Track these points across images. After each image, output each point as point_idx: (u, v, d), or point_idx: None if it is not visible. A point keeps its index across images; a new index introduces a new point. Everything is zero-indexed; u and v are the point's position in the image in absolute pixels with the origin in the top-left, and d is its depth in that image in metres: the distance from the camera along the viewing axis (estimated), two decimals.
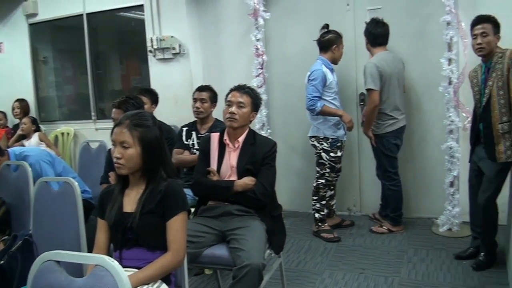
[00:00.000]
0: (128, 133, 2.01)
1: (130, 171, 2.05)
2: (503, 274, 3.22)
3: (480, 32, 3.16)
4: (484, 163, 3.27)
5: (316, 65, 4.08)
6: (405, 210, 4.31)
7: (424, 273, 3.37)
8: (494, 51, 3.16)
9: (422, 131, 4.44)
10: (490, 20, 3.18)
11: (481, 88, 3.24)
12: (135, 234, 2.01)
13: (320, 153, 4.12)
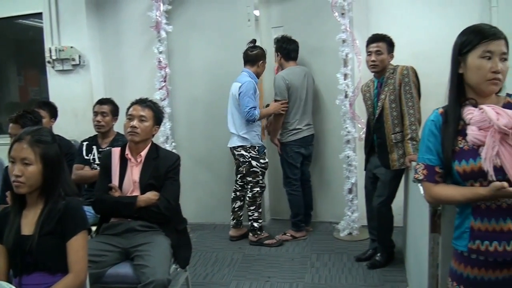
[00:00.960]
0: (30, 149, 1.90)
1: (30, 189, 1.92)
2: (401, 272, 3.41)
3: (375, 50, 3.35)
4: (379, 170, 3.46)
5: (243, 77, 4.12)
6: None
7: (327, 276, 3.49)
8: (387, 67, 3.38)
9: (323, 141, 4.63)
10: (385, 39, 3.39)
11: (374, 102, 3.43)
12: (34, 258, 1.90)
13: (249, 161, 4.14)
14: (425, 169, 1.68)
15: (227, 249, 4.13)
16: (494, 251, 1.54)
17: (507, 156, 1.50)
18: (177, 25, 4.66)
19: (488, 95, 1.61)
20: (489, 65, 1.55)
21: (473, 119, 1.57)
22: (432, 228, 2.11)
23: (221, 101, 4.63)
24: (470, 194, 1.55)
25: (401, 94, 3.26)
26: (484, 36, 1.56)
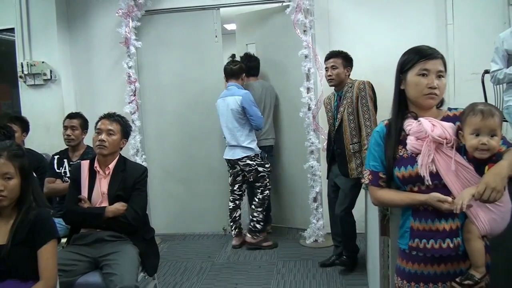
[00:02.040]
0: (10, 163, 2.01)
1: (10, 202, 2.03)
2: (363, 276, 3.56)
3: (331, 65, 3.56)
4: (339, 179, 3.63)
5: (237, 90, 4.32)
6: (281, 221, 4.76)
7: (292, 282, 3.61)
8: (345, 81, 3.56)
9: (289, 151, 4.82)
10: (340, 55, 3.59)
11: (334, 114, 3.62)
12: (7, 266, 1.98)
13: (256, 168, 4.31)
14: (371, 174, 1.85)
15: (196, 259, 4.22)
16: (431, 248, 1.70)
17: (442, 163, 1.67)
18: (146, 41, 4.78)
19: (427, 108, 1.77)
20: (426, 82, 1.71)
21: (412, 130, 1.73)
22: (381, 231, 2.27)
23: (190, 114, 4.81)
24: (409, 200, 1.73)
25: (358, 107, 3.46)
26: (422, 55, 1.74)
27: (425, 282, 1.74)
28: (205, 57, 4.71)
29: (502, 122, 1.69)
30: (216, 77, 4.74)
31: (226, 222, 4.86)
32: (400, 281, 1.81)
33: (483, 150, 1.63)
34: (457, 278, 1.68)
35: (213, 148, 4.84)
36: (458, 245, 1.68)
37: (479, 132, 1.64)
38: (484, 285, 1.69)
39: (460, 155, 1.68)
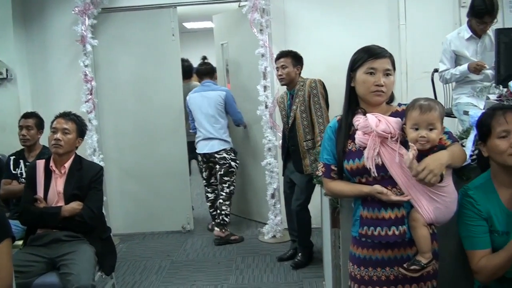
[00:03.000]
0: None
1: None
2: (319, 269, 3.69)
3: (281, 65, 3.71)
4: (295, 175, 3.76)
5: (218, 86, 4.69)
6: (242, 212, 4.93)
7: (250, 276, 3.73)
8: (296, 80, 3.69)
9: (248, 149, 4.94)
10: (290, 54, 3.73)
11: (287, 112, 3.74)
12: None
13: (229, 163, 4.46)
14: (324, 167, 1.96)
15: (155, 258, 4.26)
16: (378, 235, 1.82)
17: (387, 156, 1.79)
18: (103, 39, 4.76)
19: (375, 105, 1.88)
20: (373, 80, 1.83)
21: (359, 125, 1.85)
22: (332, 223, 2.39)
23: (148, 113, 4.84)
24: (356, 191, 1.86)
25: (311, 105, 3.59)
26: (370, 54, 1.85)
27: (374, 267, 1.85)
28: (162, 55, 4.76)
29: (443, 116, 1.79)
30: (173, 76, 4.80)
31: (185, 220, 4.92)
32: (352, 266, 1.93)
33: (423, 142, 1.75)
34: (404, 263, 1.79)
35: (172, 146, 4.87)
36: (403, 232, 1.80)
37: (418, 126, 1.76)
38: (432, 271, 1.82)
39: (405, 148, 1.79)
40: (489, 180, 1.89)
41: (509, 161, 1.78)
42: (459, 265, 2.01)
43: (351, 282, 1.94)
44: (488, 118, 1.85)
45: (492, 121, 1.82)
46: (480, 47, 3.57)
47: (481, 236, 1.85)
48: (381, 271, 1.84)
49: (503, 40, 2.52)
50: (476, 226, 1.86)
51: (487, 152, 1.87)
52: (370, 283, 1.86)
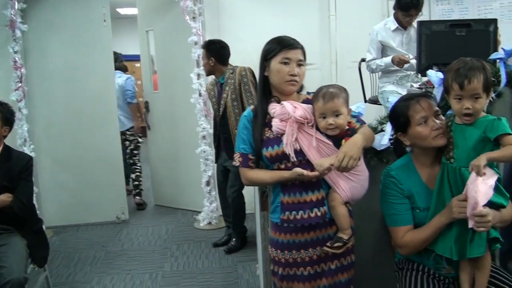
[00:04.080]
0: None
1: None
2: (253, 253, 3.81)
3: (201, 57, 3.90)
4: (229, 163, 3.85)
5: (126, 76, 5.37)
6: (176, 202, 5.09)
7: (185, 263, 3.82)
8: (217, 70, 3.82)
9: (183, 137, 4.97)
10: (204, 47, 3.88)
11: (217, 100, 3.83)
12: None
13: (137, 139, 4.94)
14: (241, 157, 2.02)
15: (90, 249, 4.24)
16: (301, 219, 1.93)
17: (305, 141, 1.90)
18: (33, 24, 4.59)
19: (288, 94, 1.99)
20: (287, 69, 1.93)
21: (276, 113, 1.94)
22: (261, 207, 2.50)
23: (80, 101, 4.77)
24: (277, 177, 1.95)
25: (242, 93, 3.71)
26: (284, 45, 1.95)
27: (297, 250, 1.96)
28: (93, 42, 4.69)
29: (347, 100, 1.92)
30: (105, 63, 4.76)
31: (119, 210, 4.92)
32: (274, 251, 2.03)
33: (332, 129, 1.88)
34: (326, 243, 1.92)
35: (105, 135, 4.83)
36: (324, 213, 1.93)
37: (325, 114, 1.88)
38: (351, 246, 1.97)
39: (320, 133, 1.91)
40: (410, 161, 2.04)
41: (434, 143, 1.92)
42: (377, 241, 2.19)
43: (275, 266, 2.03)
44: (404, 110, 1.96)
45: (409, 111, 1.94)
46: (406, 38, 3.81)
47: (404, 213, 2.00)
48: (304, 252, 1.96)
49: (424, 32, 2.69)
50: (399, 204, 2.00)
51: (409, 140, 1.99)
52: (294, 265, 1.97)
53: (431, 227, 1.90)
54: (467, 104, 1.77)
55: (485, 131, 1.77)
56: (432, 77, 2.34)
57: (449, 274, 1.96)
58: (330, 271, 1.98)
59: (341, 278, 2.00)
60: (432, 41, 2.69)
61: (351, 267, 2.03)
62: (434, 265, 1.97)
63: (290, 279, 1.99)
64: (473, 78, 1.75)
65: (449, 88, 1.82)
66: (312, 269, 1.97)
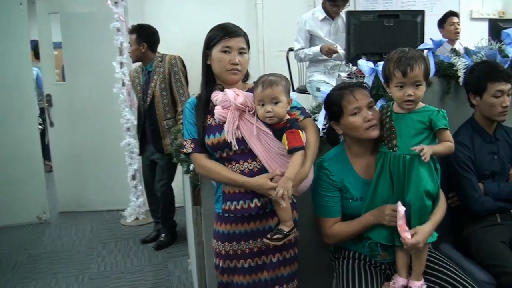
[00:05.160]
0: None
1: None
2: (184, 247, 3.75)
3: (129, 41, 3.71)
4: (156, 156, 3.75)
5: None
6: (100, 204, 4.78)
7: (113, 263, 3.68)
8: (146, 57, 3.68)
9: (105, 130, 4.73)
10: (134, 32, 3.70)
11: (143, 88, 3.69)
12: None
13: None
14: (192, 142, 1.95)
15: (11, 253, 3.96)
16: (241, 209, 1.91)
17: (246, 129, 1.87)
18: None
19: (232, 83, 1.95)
20: (228, 58, 1.89)
21: (218, 100, 1.90)
22: (194, 201, 2.45)
23: None
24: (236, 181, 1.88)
25: (172, 82, 3.61)
26: (225, 33, 1.90)
27: (238, 241, 1.93)
28: (8, 27, 4.34)
29: (287, 89, 1.90)
30: (21, 50, 4.44)
31: (40, 209, 4.65)
32: (216, 243, 1.99)
33: (270, 117, 1.86)
34: (267, 234, 1.89)
35: (22, 129, 4.52)
36: (265, 203, 1.90)
37: (263, 101, 1.86)
38: (293, 239, 1.96)
39: (261, 121, 1.89)
40: (343, 151, 2.08)
41: (365, 135, 1.96)
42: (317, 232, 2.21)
43: (216, 258, 2.00)
44: (338, 99, 2.00)
45: (343, 101, 1.98)
46: (333, 28, 3.89)
47: (334, 205, 2.05)
48: (245, 244, 1.93)
49: (353, 22, 2.74)
50: (330, 197, 2.04)
51: (341, 129, 2.03)
52: (235, 257, 1.94)
53: (360, 223, 1.99)
54: (409, 91, 1.83)
55: (430, 121, 1.84)
56: (363, 66, 2.40)
57: (385, 260, 2.03)
58: (271, 264, 1.96)
59: (283, 271, 1.98)
60: (360, 31, 2.76)
61: (294, 261, 2.02)
62: (370, 252, 2.02)
63: (230, 272, 1.96)
64: (415, 66, 1.81)
65: (390, 76, 1.87)
66: (253, 262, 1.95)
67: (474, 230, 2.25)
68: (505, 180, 2.33)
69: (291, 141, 1.84)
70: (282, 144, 1.87)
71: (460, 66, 2.43)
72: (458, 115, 2.40)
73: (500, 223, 2.28)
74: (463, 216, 2.30)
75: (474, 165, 2.28)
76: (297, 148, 1.85)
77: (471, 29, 5.19)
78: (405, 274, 1.95)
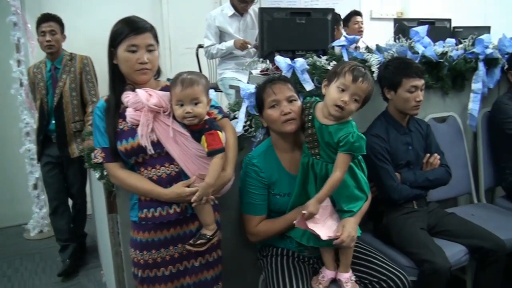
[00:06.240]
0: None
1: None
2: (96, 258, 3.59)
3: (49, 30, 3.34)
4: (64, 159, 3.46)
5: None
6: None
7: (20, 282, 3.40)
8: (60, 50, 3.43)
9: (1, 135, 4.36)
10: (56, 19, 3.41)
11: (48, 87, 3.40)
12: None
13: None
14: (102, 152, 1.84)
15: None
16: (160, 216, 1.83)
17: (162, 131, 1.79)
18: None
19: (141, 83, 1.85)
20: (136, 57, 1.79)
21: (130, 102, 1.80)
22: (109, 209, 2.32)
23: None
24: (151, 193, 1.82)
25: (83, 82, 3.42)
26: (131, 30, 1.79)
27: (157, 249, 1.86)
28: None
29: (207, 88, 1.86)
30: None
31: None
32: (134, 252, 1.90)
33: (189, 118, 1.79)
34: (188, 240, 1.85)
35: None
36: (185, 208, 1.84)
37: (183, 102, 1.79)
38: (216, 242, 1.92)
39: (177, 122, 1.82)
40: (270, 147, 2.10)
41: (282, 129, 1.99)
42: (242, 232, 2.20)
43: (135, 268, 1.92)
44: (260, 92, 2.04)
45: (263, 94, 2.01)
46: (243, 25, 3.92)
47: (261, 203, 2.06)
48: (165, 251, 1.87)
49: (265, 18, 2.75)
50: (257, 194, 2.05)
51: (266, 122, 2.06)
52: (155, 266, 1.87)
53: (286, 221, 2.02)
54: (346, 97, 1.85)
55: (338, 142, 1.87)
56: (281, 63, 2.43)
57: (313, 255, 2.08)
58: (194, 269, 1.92)
59: (206, 275, 1.95)
60: (274, 28, 2.79)
61: (218, 263, 1.99)
62: (297, 247, 2.07)
63: (150, 282, 1.89)
64: (366, 82, 1.87)
65: (339, 75, 1.89)
66: (174, 268, 1.89)
67: (394, 218, 2.37)
68: (419, 169, 2.49)
69: (211, 143, 1.80)
70: (200, 145, 1.82)
71: (373, 62, 2.53)
72: (371, 108, 2.49)
73: (417, 210, 2.43)
74: (382, 205, 2.40)
75: (390, 156, 2.39)
76: (217, 151, 1.81)
77: (371, 28, 5.50)
78: (332, 266, 2.00)
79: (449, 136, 2.98)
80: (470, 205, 3.02)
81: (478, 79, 3.00)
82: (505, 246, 2.31)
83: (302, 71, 2.40)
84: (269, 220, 2.07)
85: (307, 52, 2.57)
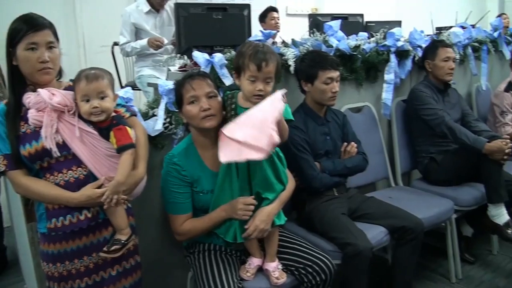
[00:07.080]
0: None
1: None
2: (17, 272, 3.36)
3: None
4: None
5: None
6: None
7: None
8: None
9: None
10: None
11: None
12: None
13: None
14: (5, 159, 1.72)
15: None
16: (70, 224, 1.74)
17: (67, 132, 1.71)
18: None
19: (44, 83, 1.75)
20: (36, 56, 1.69)
21: (31, 103, 1.70)
22: (27, 218, 2.22)
23: None
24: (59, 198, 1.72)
25: None
26: (29, 27, 1.68)
27: (70, 260, 1.77)
28: None
29: (112, 83, 1.81)
30: None
31: None
32: (46, 265, 1.80)
33: (97, 114, 1.73)
34: (103, 247, 1.76)
35: None
36: (97, 213, 1.77)
37: (88, 96, 1.72)
38: (132, 247, 1.86)
39: (83, 121, 1.75)
40: (191, 144, 2.08)
41: (202, 125, 1.98)
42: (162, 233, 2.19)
43: (50, 282, 1.82)
44: (179, 88, 2.02)
45: (182, 90, 2.00)
46: (159, 21, 3.89)
47: (185, 202, 2.05)
48: (78, 262, 1.78)
49: (182, 14, 2.74)
50: (181, 193, 2.03)
51: (185, 118, 2.05)
52: (70, 278, 1.78)
53: (212, 219, 2.03)
54: (260, 86, 1.90)
55: None
56: (199, 58, 2.44)
57: (240, 248, 2.11)
58: (111, 278, 1.84)
59: (125, 283, 1.88)
60: (190, 23, 2.80)
61: (136, 269, 1.93)
62: (224, 242, 2.08)
63: None
64: (270, 62, 1.89)
65: (244, 68, 1.91)
66: (90, 280, 1.80)
67: (316, 205, 2.46)
68: (338, 157, 2.60)
69: (120, 139, 1.74)
70: (110, 144, 1.75)
71: (290, 55, 2.62)
72: (290, 101, 2.57)
73: (338, 196, 2.54)
74: (304, 194, 2.49)
75: (310, 146, 2.48)
76: (127, 146, 1.75)
77: (287, 24, 5.65)
78: (258, 254, 2.06)
79: (364, 125, 3.12)
80: (388, 189, 3.19)
81: (390, 70, 3.17)
82: (423, 225, 2.47)
83: (221, 66, 2.42)
84: (196, 218, 2.06)
85: (225, 47, 2.60)
